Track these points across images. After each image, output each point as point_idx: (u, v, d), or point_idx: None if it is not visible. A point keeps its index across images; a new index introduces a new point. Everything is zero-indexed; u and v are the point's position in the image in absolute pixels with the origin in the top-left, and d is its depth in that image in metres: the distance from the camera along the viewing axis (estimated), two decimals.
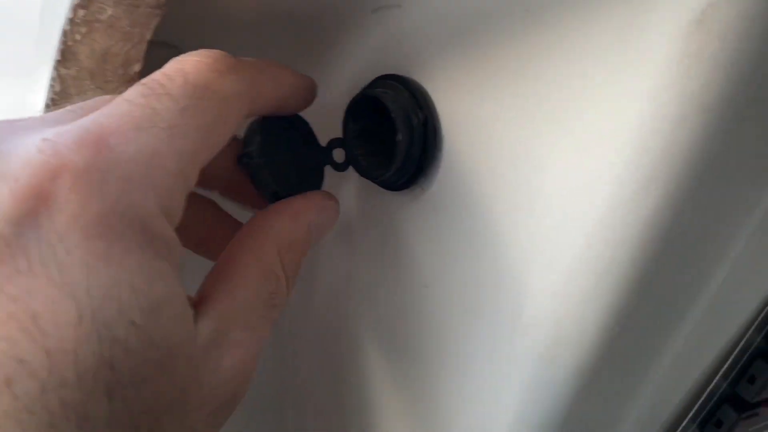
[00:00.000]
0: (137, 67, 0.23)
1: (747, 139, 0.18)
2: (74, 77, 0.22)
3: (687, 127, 0.17)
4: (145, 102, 0.16)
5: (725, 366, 0.27)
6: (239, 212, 0.26)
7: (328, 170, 0.26)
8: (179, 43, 0.29)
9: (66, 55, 0.22)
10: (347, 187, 0.30)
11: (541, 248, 0.21)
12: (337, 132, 0.26)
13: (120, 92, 0.17)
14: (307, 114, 0.26)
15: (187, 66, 0.18)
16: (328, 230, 0.23)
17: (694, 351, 0.25)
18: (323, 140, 0.26)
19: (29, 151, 0.14)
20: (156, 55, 0.29)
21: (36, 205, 0.13)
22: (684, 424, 0.28)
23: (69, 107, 0.18)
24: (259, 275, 0.19)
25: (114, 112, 0.16)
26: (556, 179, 0.20)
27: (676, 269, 0.21)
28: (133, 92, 0.16)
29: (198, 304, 0.18)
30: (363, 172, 0.25)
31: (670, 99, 0.17)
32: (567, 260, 0.20)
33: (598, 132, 0.19)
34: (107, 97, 0.18)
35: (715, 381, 0.27)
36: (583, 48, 0.19)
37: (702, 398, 0.27)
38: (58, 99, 0.23)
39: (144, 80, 0.17)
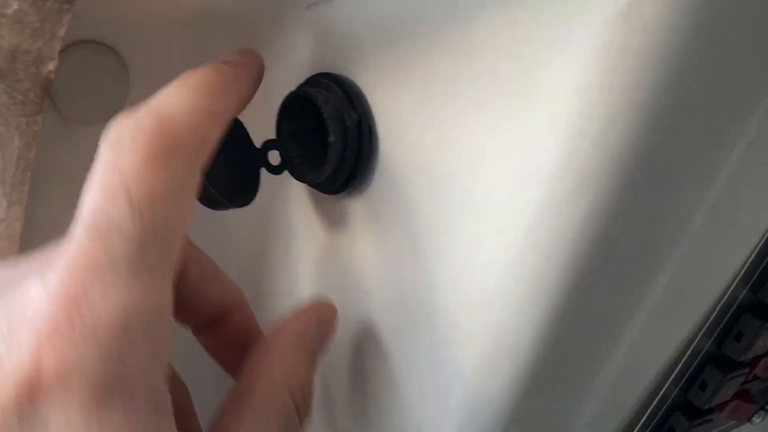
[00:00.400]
0: (51, 66, 0.22)
1: (682, 137, 0.17)
2: None
3: (616, 127, 0.16)
4: (98, 246, 0.15)
5: (675, 372, 0.26)
6: None
7: (265, 173, 0.25)
8: (111, 41, 0.28)
9: None
10: (285, 190, 0.29)
11: (476, 255, 0.20)
12: (273, 133, 0.25)
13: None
14: (242, 113, 0.24)
15: (127, 177, 0.15)
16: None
17: (641, 357, 0.24)
18: (259, 141, 0.25)
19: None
20: (86, 54, 0.28)
21: (30, 396, 0.14)
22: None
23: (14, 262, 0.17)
24: (274, 419, 0.19)
25: (72, 266, 0.15)
26: (489, 183, 0.19)
27: (615, 274, 0.20)
28: (81, 233, 0.15)
29: None
30: (298, 176, 0.24)
31: (598, 97, 0.16)
32: (500, 267, 0.19)
33: (529, 133, 0.18)
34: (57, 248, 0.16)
35: (665, 388, 0.26)
36: (514, 44, 0.18)
37: (652, 406, 0.26)
38: None
39: (86, 212, 0.15)
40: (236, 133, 0.24)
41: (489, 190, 0.19)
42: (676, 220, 0.19)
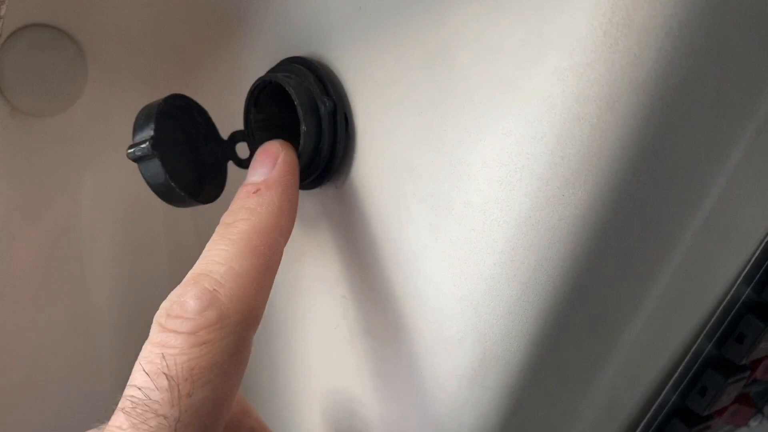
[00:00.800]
0: None
1: (688, 120, 0.16)
2: None
3: (617, 110, 0.15)
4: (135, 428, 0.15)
5: (674, 377, 0.24)
6: None
7: (232, 166, 0.23)
8: (65, 24, 0.26)
9: None
10: None
11: (462, 255, 0.18)
12: (241, 123, 0.23)
13: None
14: (208, 102, 0.22)
15: (168, 358, 0.16)
16: None
17: (639, 361, 0.22)
18: (226, 132, 0.23)
19: None
20: (37, 38, 0.25)
21: None
22: None
23: None
24: None
25: None
26: (475, 175, 0.18)
27: (612, 272, 0.18)
28: (121, 416, 0.15)
29: None
30: None
31: (596, 78, 0.15)
32: (489, 268, 0.18)
33: (519, 120, 0.16)
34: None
35: (663, 394, 0.25)
36: (500, 24, 0.16)
37: (650, 413, 0.25)
38: None
39: (127, 393, 0.16)
40: (200, 123, 0.22)
41: (476, 183, 0.18)
42: (679, 213, 0.18)
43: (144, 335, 0.17)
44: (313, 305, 0.24)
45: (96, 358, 0.28)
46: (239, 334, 0.17)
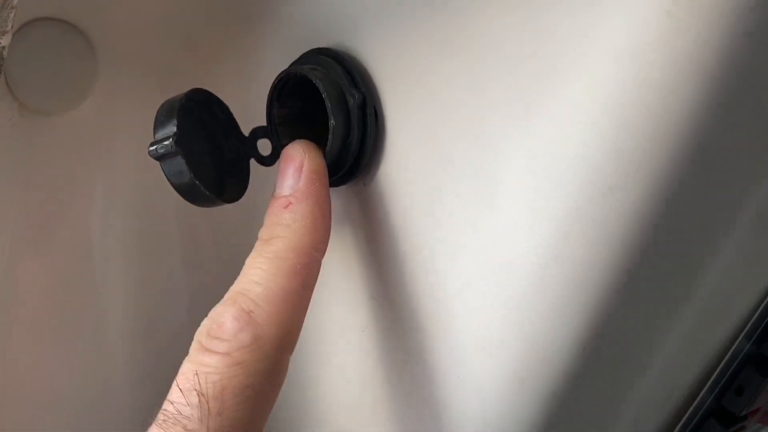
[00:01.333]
0: (4, 41, 0.19)
1: (757, 107, 0.15)
2: None
3: (679, 96, 0.14)
4: None
5: (712, 377, 0.24)
6: None
7: (255, 164, 0.22)
8: (75, 18, 0.25)
9: None
10: None
11: (503, 249, 0.17)
12: (263, 119, 0.22)
13: None
14: (225, 97, 0.22)
15: (201, 375, 0.16)
16: None
17: (680, 363, 0.22)
18: (247, 129, 0.22)
19: None
20: (46, 33, 0.24)
21: None
22: None
23: None
24: None
25: None
26: (516, 167, 0.17)
27: (662, 270, 0.17)
28: (154, 427, 0.16)
29: None
30: None
31: (657, 60, 0.14)
32: (533, 262, 0.17)
33: (567, 106, 0.15)
34: None
35: (701, 394, 0.24)
36: (547, 6, 0.16)
37: (687, 413, 0.24)
38: None
39: (164, 406, 0.16)
40: (222, 119, 0.22)
41: (519, 176, 0.17)
42: (733, 202, 0.17)
43: (158, 340, 0.17)
44: (341, 308, 0.24)
45: (110, 365, 0.27)
46: (274, 356, 0.17)
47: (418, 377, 0.21)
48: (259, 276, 0.17)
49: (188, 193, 0.19)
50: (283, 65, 0.21)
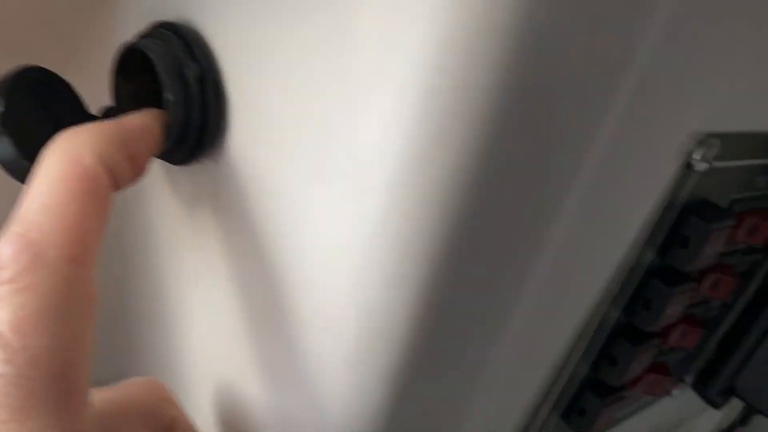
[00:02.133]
0: None
1: (563, 67, 0.14)
2: None
3: (476, 56, 0.14)
4: None
5: (583, 348, 0.24)
6: None
7: None
8: None
9: None
10: None
11: (338, 225, 0.17)
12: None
13: None
14: (81, 75, 0.21)
15: None
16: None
17: (542, 332, 0.22)
18: (95, 107, 0.21)
19: None
20: None
21: None
22: (545, 414, 0.25)
23: None
24: None
25: None
26: (347, 136, 0.16)
27: (499, 232, 0.17)
28: None
29: None
30: None
31: (453, 22, 0.13)
32: (364, 236, 0.16)
33: (388, 75, 0.15)
34: None
35: (573, 365, 0.24)
36: None
37: (561, 385, 0.24)
38: None
39: None
40: (67, 98, 0.21)
41: (349, 145, 0.16)
42: (573, 160, 0.17)
43: None
44: (200, 293, 0.23)
45: None
46: (67, 269, 0.15)
47: (277, 354, 0.21)
48: (31, 196, 0.16)
49: (17, 172, 0.18)
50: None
